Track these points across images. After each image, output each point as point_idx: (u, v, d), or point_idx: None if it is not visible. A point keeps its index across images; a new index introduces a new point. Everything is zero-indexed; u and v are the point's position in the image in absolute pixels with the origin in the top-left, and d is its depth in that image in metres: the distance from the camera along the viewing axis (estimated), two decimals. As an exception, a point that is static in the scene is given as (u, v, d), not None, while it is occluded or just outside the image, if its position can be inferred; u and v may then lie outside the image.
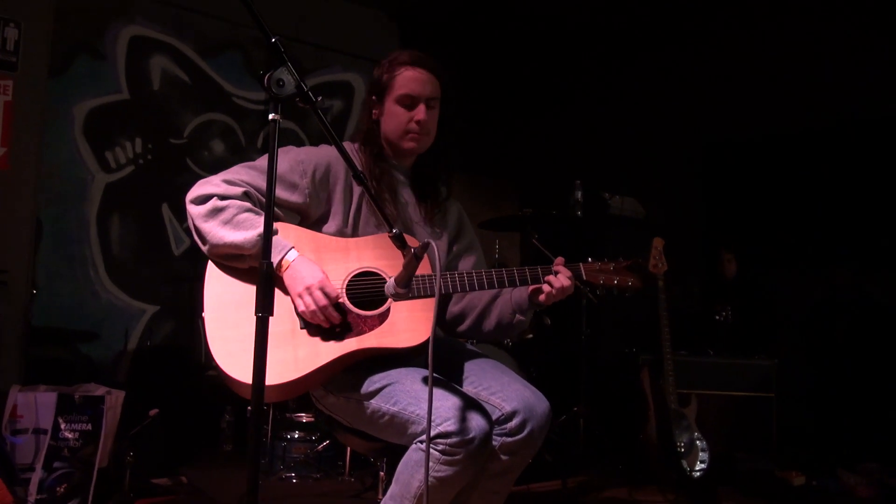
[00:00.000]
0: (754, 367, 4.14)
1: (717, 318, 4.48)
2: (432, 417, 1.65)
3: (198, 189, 1.89)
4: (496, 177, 5.76)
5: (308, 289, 1.79)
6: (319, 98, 1.45)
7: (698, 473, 3.44)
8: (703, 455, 3.48)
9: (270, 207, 1.39)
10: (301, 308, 1.81)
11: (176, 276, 4.54)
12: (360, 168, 1.76)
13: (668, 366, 3.60)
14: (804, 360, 4.66)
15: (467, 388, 1.91)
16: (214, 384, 4.55)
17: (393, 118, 2.06)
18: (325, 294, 1.79)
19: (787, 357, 4.23)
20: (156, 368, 4.27)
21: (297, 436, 3.66)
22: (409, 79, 2.02)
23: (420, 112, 2.02)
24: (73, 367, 4.09)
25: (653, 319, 3.72)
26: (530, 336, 3.70)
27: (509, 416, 1.79)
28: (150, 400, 3.34)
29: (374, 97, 2.10)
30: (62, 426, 2.83)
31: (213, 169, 1.94)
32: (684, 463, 3.46)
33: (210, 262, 1.90)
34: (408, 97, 2.03)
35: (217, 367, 1.78)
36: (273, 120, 1.39)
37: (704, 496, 3.40)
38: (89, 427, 2.87)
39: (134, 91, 4.48)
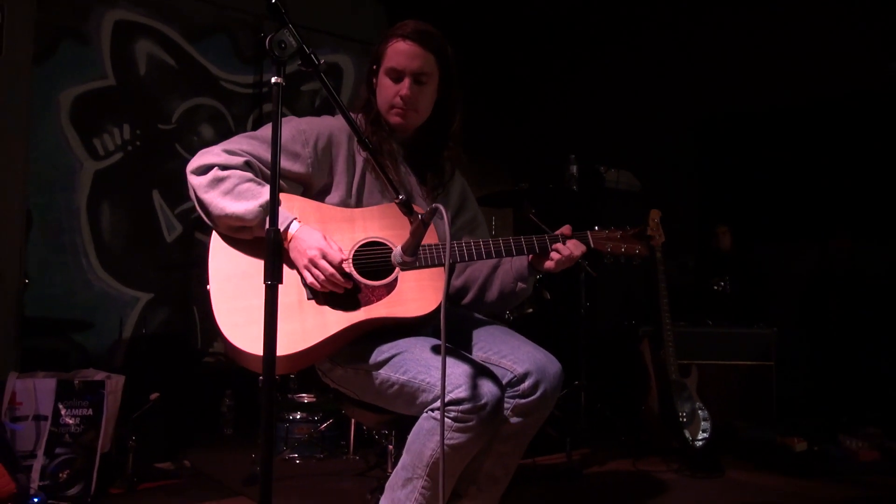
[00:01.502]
0: (753, 337, 4.18)
1: (716, 288, 4.51)
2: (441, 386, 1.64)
3: (199, 159, 1.87)
4: (488, 154, 5.74)
5: (311, 260, 1.78)
6: (322, 61, 1.44)
7: (701, 443, 3.47)
8: (704, 424, 3.51)
9: (276, 173, 1.38)
10: (309, 279, 1.80)
11: (168, 263, 4.51)
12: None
13: (668, 337, 3.63)
14: (802, 329, 4.70)
15: (477, 353, 1.91)
16: (212, 369, 4.56)
17: (382, 90, 2.03)
18: (329, 261, 1.78)
19: (785, 326, 4.26)
20: (152, 356, 4.25)
21: (299, 416, 3.65)
22: (397, 51, 1.98)
23: (404, 87, 1.98)
24: (68, 357, 4.06)
25: (651, 291, 3.75)
26: (530, 310, 3.71)
27: (521, 378, 1.79)
28: (149, 386, 3.33)
29: (373, 66, 2.08)
30: (63, 412, 2.81)
31: (204, 154, 1.91)
32: (686, 433, 3.48)
33: (214, 234, 1.88)
34: (394, 70, 1.98)
35: (223, 339, 1.77)
36: (276, 83, 1.37)
37: (707, 465, 3.43)
38: (90, 412, 2.85)
39: (120, 77, 4.43)
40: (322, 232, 1.86)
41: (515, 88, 6.13)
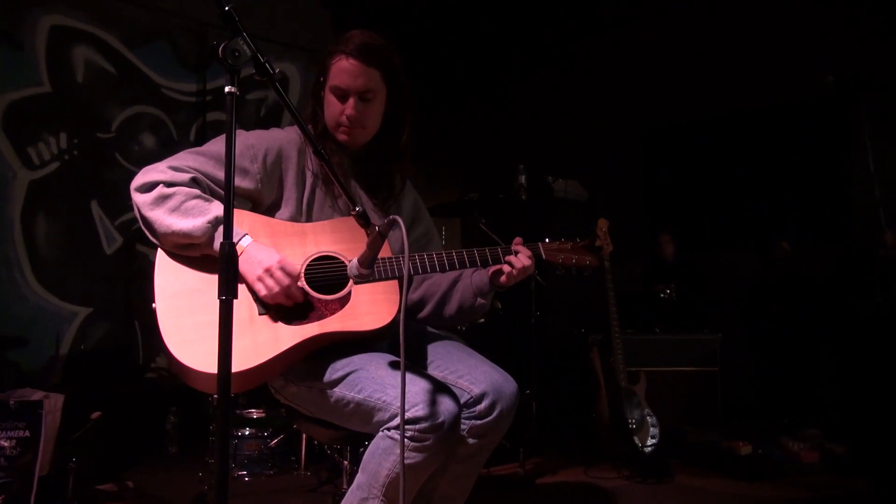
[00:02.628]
0: (699, 343, 4.26)
1: (661, 295, 4.58)
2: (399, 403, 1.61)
3: (143, 176, 1.80)
4: (436, 164, 5.74)
5: (268, 270, 1.74)
6: (277, 70, 1.40)
7: (650, 448, 3.51)
8: (653, 430, 3.55)
9: (230, 185, 1.34)
10: (263, 292, 1.75)
11: (108, 275, 4.36)
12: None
13: (617, 345, 3.67)
14: (744, 335, 4.82)
15: (434, 372, 1.89)
16: (156, 386, 4.43)
17: (328, 106, 1.99)
18: (287, 273, 1.74)
19: (729, 332, 4.36)
20: (92, 372, 4.09)
21: (248, 433, 3.56)
22: (340, 69, 1.93)
23: (349, 106, 1.94)
24: (1, 376, 3.88)
25: (600, 300, 3.78)
26: (482, 321, 3.71)
27: (478, 399, 1.78)
28: (89, 405, 3.20)
29: (321, 78, 2.04)
30: (-3, 434, 2.68)
31: (144, 164, 1.85)
32: (636, 439, 3.52)
33: (159, 251, 1.83)
34: (338, 88, 1.94)
35: (171, 358, 1.71)
36: (230, 93, 1.33)
37: (657, 470, 3.48)
38: (27, 434, 2.72)
39: (56, 83, 4.27)
40: (273, 248, 1.82)
41: (464, 97, 6.16)
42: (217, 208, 1.77)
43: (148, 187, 1.78)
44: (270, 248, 1.80)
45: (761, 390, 4.66)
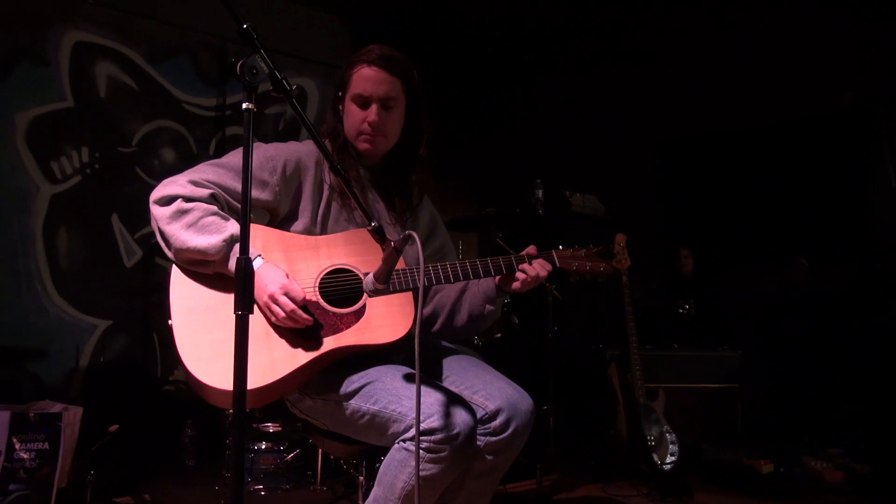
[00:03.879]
0: (718, 360, 4.22)
1: (680, 311, 4.55)
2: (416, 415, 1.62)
3: (162, 189, 1.83)
4: (452, 178, 5.75)
5: (272, 297, 1.75)
6: (294, 87, 1.42)
7: (669, 466, 3.48)
8: (672, 448, 3.52)
9: (247, 201, 1.35)
10: (271, 319, 1.77)
11: (128, 289, 4.39)
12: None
13: (635, 360, 3.65)
14: (764, 352, 4.77)
15: (448, 386, 1.88)
16: (173, 399, 4.45)
17: (349, 116, 2.02)
18: (291, 298, 1.75)
19: (748, 349, 4.31)
20: (111, 385, 4.12)
21: (264, 447, 3.57)
22: (363, 77, 1.98)
23: (372, 113, 1.97)
24: (21, 388, 3.92)
25: (618, 315, 3.77)
26: (498, 335, 3.70)
27: (493, 415, 1.78)
28: (107, 417, 3.23)
29: (339, 92, 2.07)
30: (17, 446, 2.70)
31: (164, 177, 1.87)
32: (655, 456, 3.49)
33: (174, 266, 1.84)
34: (360, 96, 1.98)
35: (188, 375, 1.73)
36: (247, 110, 1.35)
37: (676, 488, 3.43)
38: (46, 446, 2.74)
39: (79, 98, 4.34)
40: (286, 262, 1.84)
41: (481, 112, 6.17)
42: (233, 226, 1.79)
43: (167, 200, 1.81)
44: (279, 269, 1.80)
45: (782, 408, 4.60)
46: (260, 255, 1.82)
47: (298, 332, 1.79)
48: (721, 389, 4.17)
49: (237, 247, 1.67)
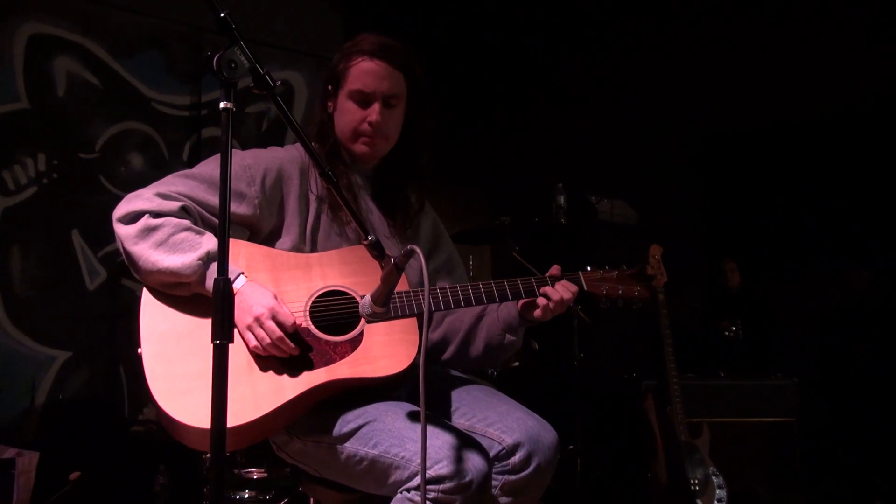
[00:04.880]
0: (771, 389, 4.19)
1: (726, 333, 4.53)
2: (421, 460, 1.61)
3: (126, 205, 1.84)
4: (462, 183, 5.76)
5: (257, 319, 1.75)
6: (279, 83, 1.43)
7: (716, 514, 3.45)
8: (719, 492, 3.50)
9: (226, 213, 1.36)
10: (252, 343, 1.77)
11: (90, 315, 4.40)
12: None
13: (675, 392, 3.64)
14: (826, 379, 4.73)
15: (459, 421, 1.89)
16: (143, 440, 4.43)
17: (344, 115, 2.04)
18: (279, 323, 1.75)
19: (807, 376, 4.28)
20: (71, 426, 4.12)
21: (247, 495, 3.56)
22: (363, 71, 1.99)
23: (373, 112, 1.99)
24: (-31, 430, 3.93)
25: (653, 339, 3.76)
26: (516, 364, 3.70)
27: (511, 450, 1.78)
28: (67, 463, 3.23)
29: (329, 87, 2.08)
30: (-36, 498, 2.71)
31: (131, 187, 1.89)
32: (699, 502, 3.47)
33: (145, 289, 1.86)
34: (360, 93, 2.00)
35: (159, 411, 1.73)
36: (225, 109, 1.36)
37: (724, 539, 3.41)
38: (-3, 497, 2.75)
39: (34, 99, 4.36)
40: (273, 282, 1.85)
41: (493, 108, 6.18)
42: (209, 242, 1.80)
43: (132, 217, 1.82)
44: (267, 289, 1.81)
45: (848, 444, 4.56)
46: (243, 273, 1.83)
47: (286, 362, 1.79)
48: (776, 424, 4.13)
49: (215, 265, 1.68)
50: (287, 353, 1.78)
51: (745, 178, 5.68)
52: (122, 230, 1.82)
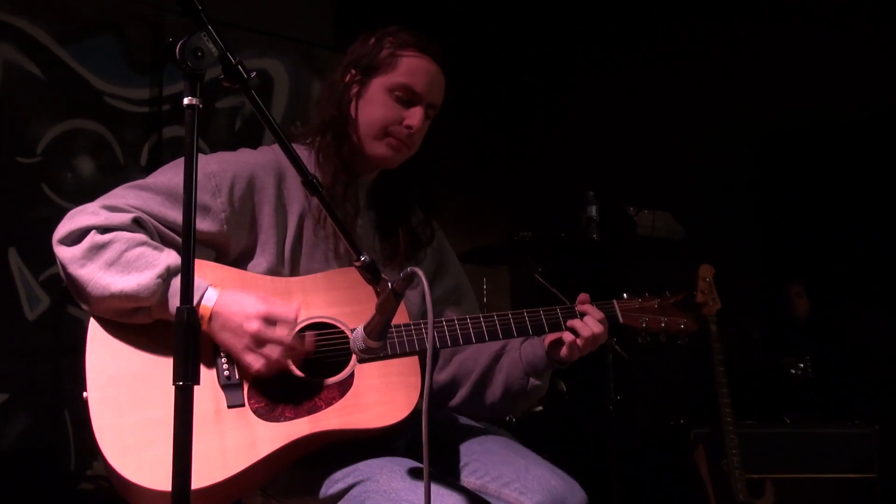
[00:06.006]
0: (847, 439, 4.18)
1: (792, 371, 4.51)
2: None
3: (68, 223, 1.83)
4: (475, 192, 5.77)
5: (255, 336, 1.75)
6: (253, 74, 1.43)
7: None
8: (786, 564, 3.48)
9: (190, 227, 1.35)
10: (256, 367, 1.76)
11: (30, 350, 4.42)
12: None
13: (732, 442, 3.63)
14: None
15: (468, 479, 1.89)
16: (92, 500, 4.43)
17: (377, 107, 2.05)
18: (281, 322, 1.76)
19: (889, 422, 4.26)
20: (8, 482, 4.13)
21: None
22: (416, 67, 2.04)
23: (416, 115, 2.03)
24: None
25: (705, 379, 3.74)
26: (539, 408, 3.69)
27: (531, 517, 1.77)
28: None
29: (353, 70, 2.09)
30: None
31: (81, 197, 1.89)
32: (762, 576, 3.45)
33: (92, 320, 1.85)
34: (408, 90, 2.03)
35: (109, 469, 1.72)
36: (190, 106, 1.36)
37: None
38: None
39: (-35, 94, 4.41)
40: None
41: (511, 107, 6.20)
42: (169, 256, 1.79)
43: (76, 237, 1.81)
44: (245, 293, 1.81)
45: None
46: (211, 286, 1.81)
47: (261, 410, 1.78)
48: (853, 481, 4.11)
49: (177, 280, 1.67)
50: (309, 353, 1.80)
51: (813, 184, 5.66)
52: (64, 252, 1.81)
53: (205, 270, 1.90)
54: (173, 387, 1.34)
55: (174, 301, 1.73)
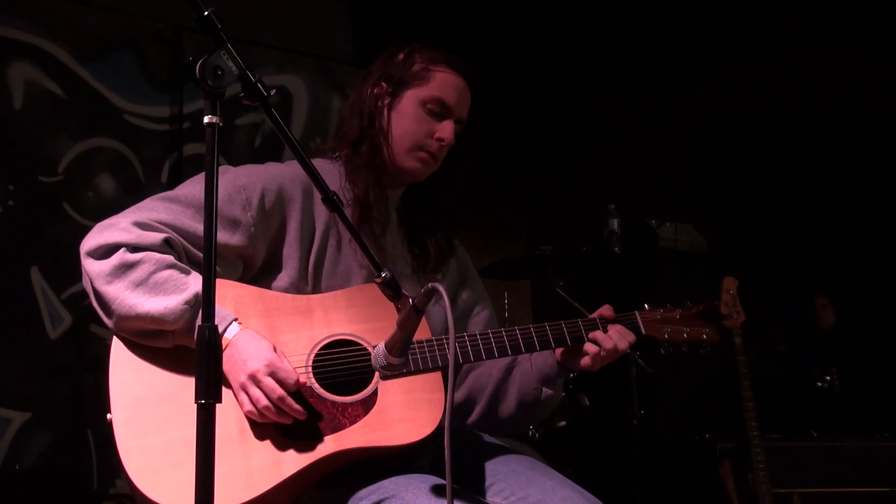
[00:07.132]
0: (876, 452, 4.16)
1: (819, 384, 4.48)
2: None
3: (98, 236, 1.84)
4: (496, 206, 5.77)
5: (252, 377, 1.74)
6: (273, 91, 1.43)
7: None
8: (815, 580, 3.45)
9: (212, 246, 1.35)
10: (247, 407, 1.76)
11: (52, 368, 4.43)
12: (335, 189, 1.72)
13: (758, 456, 3.60)
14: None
15: (493, 499, 1.88)
16: (115, 520, 4.44)
17: (410, 120, 2.07)
18: (280, 381, 1.74)
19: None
20: (31, 500, 4.14)
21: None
22: (448, 83, 2.07)
23: (447, 128, 2.05)
24: None
25: (730, 392, 3.72)
26: (562, 423, 3.67)
27: (557, 538, 1.76)
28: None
29: (384, 84, 2.10)
30: None
31: (102, 216, 1.88)
32: (790, 593, 3.42)
33: (115, 340, 1.86)
34: (442, 104, 2.06)
35: (133, 489, 1.72)
36: (210, 124, 1.36)
37: None
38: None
39: (-13, 113, 4.44)
40: (268, 331, 1.84)
41: (534, 120, 6.19)
42: (198, 282, 1.80)
43: (105, 251, 1.81)
44: (264, 339, 1.80)
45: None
46: (237, 320, 1.82)
47: (285, 430, 1.78)
48: (881, 495, 4.07)
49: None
50: (290, 417, 1.76)
51: (837, 195, 5.63)
52: (92, 266, 1.81)
53: (226, 291, 1.90)
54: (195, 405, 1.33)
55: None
